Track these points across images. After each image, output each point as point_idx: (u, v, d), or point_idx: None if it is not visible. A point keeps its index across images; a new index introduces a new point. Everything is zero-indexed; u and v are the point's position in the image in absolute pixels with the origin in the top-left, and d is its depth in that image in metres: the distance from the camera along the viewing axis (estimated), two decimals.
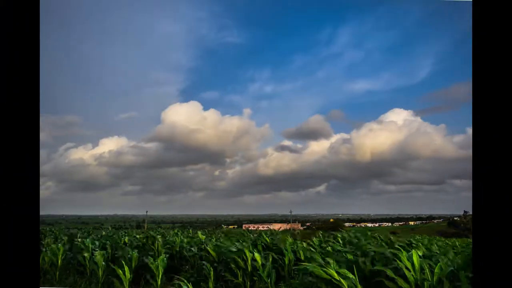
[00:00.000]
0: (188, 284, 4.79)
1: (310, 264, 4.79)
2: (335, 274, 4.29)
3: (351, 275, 4.31)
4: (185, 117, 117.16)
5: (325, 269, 4.36)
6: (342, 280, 4.25)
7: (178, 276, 5.65)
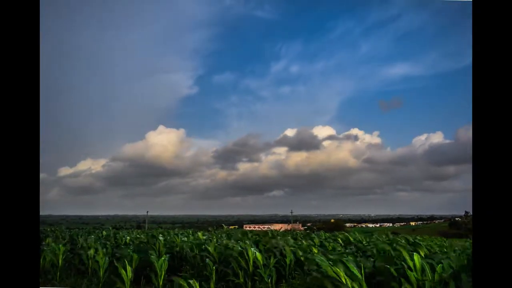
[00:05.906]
0: (195, 283, 4.79)
1: (319, 256, 4.75)
2: (342, 273, 4.27)
3: (358, 274, 4.29)
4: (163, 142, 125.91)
5: (333, 267, 4.34)
6: (347, 280, 4.23)
7: (180, 274, 5.65)
